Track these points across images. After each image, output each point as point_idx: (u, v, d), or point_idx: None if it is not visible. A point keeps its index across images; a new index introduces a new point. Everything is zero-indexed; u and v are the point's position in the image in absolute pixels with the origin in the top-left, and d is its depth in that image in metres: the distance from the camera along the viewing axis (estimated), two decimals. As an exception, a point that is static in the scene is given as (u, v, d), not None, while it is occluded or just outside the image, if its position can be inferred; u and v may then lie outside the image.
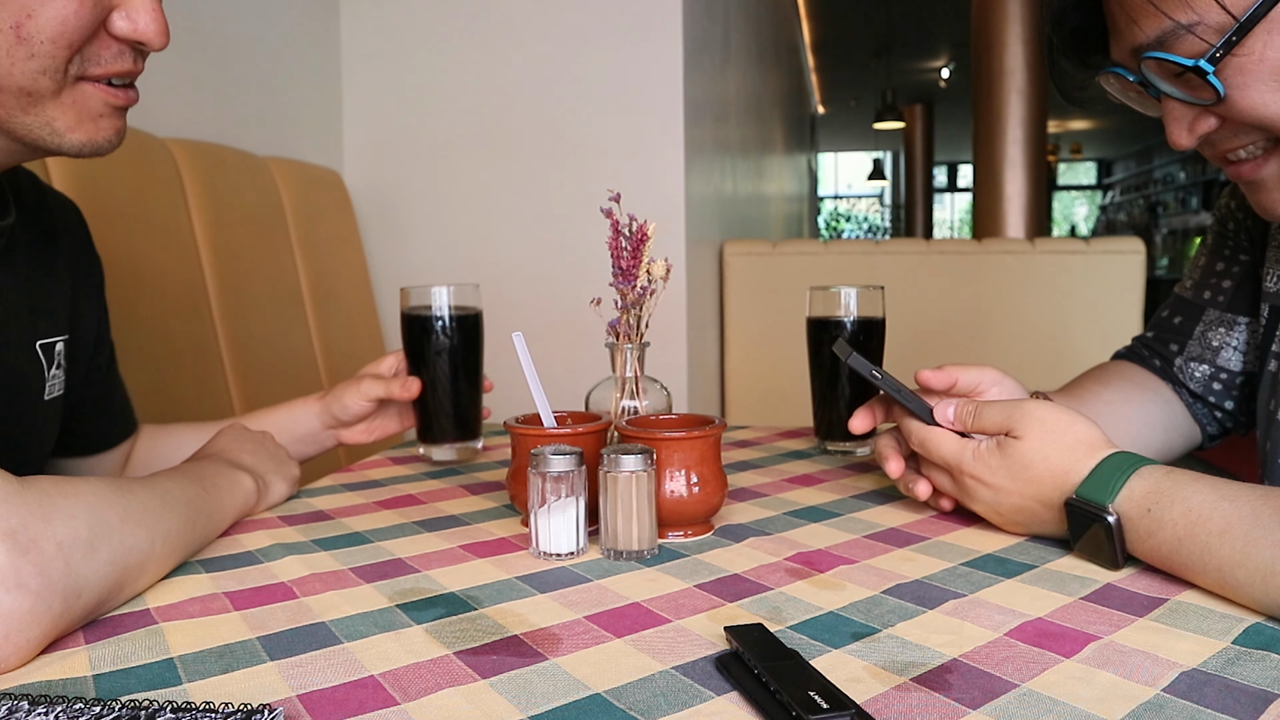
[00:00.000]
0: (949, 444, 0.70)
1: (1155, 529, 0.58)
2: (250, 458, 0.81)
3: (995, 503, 0.68)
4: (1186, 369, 0.94)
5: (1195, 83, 0.64)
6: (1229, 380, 0.92)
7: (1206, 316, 0.93)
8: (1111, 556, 0.60)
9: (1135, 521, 0.59)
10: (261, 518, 0.76)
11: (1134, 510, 0.59)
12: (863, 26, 8.69)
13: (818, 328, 1.00)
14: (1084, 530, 0.62)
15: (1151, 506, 0.58)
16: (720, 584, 0.59)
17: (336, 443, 1.04)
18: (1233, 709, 0.41)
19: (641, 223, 0.81)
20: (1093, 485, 0.62)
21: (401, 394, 0.98)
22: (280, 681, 0.45)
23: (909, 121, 12.68)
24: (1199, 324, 0.94)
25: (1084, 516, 0.62)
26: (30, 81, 0.61)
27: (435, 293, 0.97)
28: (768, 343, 2.37)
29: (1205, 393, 0.93)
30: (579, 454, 0.65)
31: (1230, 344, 0.91)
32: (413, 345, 0.98)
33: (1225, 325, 0.92)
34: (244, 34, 1.66)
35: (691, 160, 2.05)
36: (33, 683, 0.45)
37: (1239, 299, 0.91)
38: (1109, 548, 0.60)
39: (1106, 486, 0.61)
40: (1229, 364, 0.91)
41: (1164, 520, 0.57)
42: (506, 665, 0.47)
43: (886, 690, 0.44)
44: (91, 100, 0.64)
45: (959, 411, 0.71)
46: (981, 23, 4.94)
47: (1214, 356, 0.92)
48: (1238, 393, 0.92)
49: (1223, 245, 0.93)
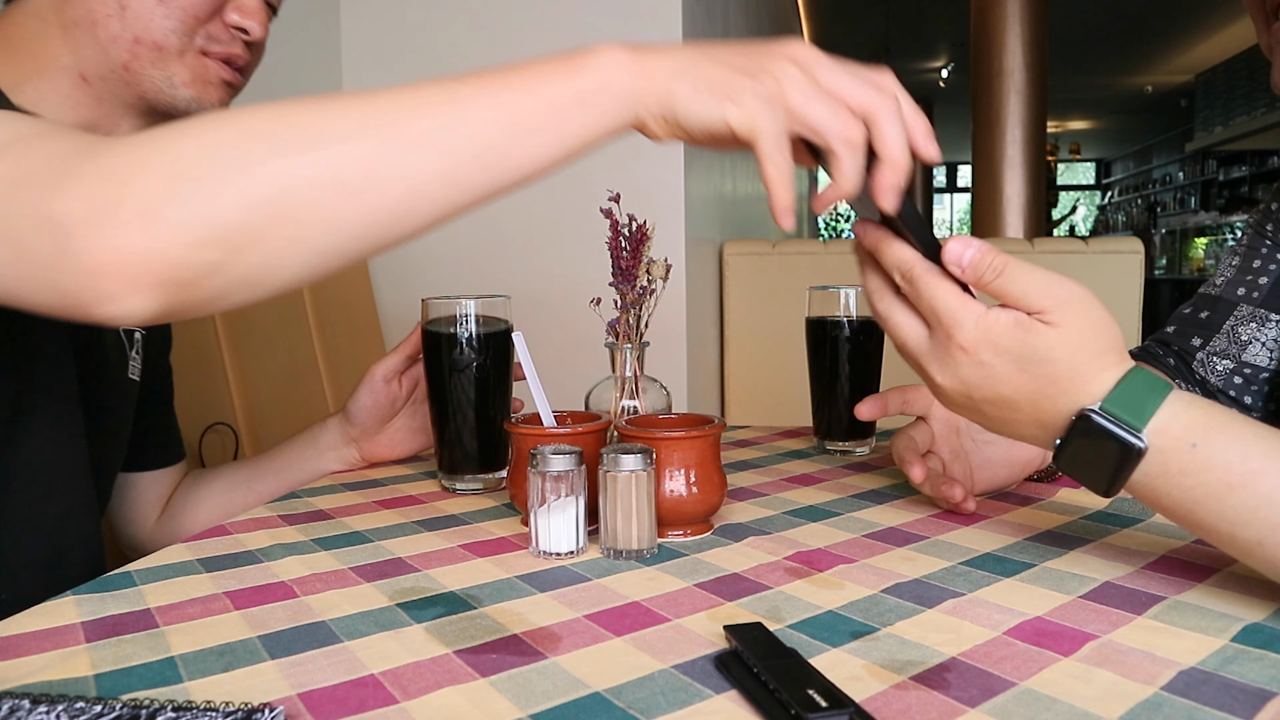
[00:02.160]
0: (947, 294, 0.55)
1: (1199, 468, 0.49)
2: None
3: (974, 385, 0.54)
4: (1209, 363, 0.94)
5: None
6: (1252, 375, 0.92)
7: (1238, 312, 0.93)
8: (1109, 482, 0.51)
9: (1171, 456, 0.49)
10: (261, 517, 0.76)
11: (1172, 442, 0.49)
12: (862, 27, 8.69)
13: (817, 328, 1.00)
14: (1094, 448, 0.51)
15: (1198, 441, 0.49)
16: (720, 583, 0.59)
17: (360, 459, 0.98)
18: (1231, 707, 0.41)
19: (641, 223, 0.81)
20: (1125, 400, 0.50)
21: (407, 347, 0.93)
22: (281, 680, 0.45)
23: (909, 121, 12.65)
24: (1229, 319, 0.93)
25: (1103, 432, 0.51)
26: (163, 37, 0.73)
27: (460, 305, 0.84)
28: (768, 343, 2.37)
29: (1226, 386, 0.93)
30: (579, 453, 0.65)
31: (1260, 339, 0.92)
32: (434, 364, 0.86)
33: (1257, 321, 0.92)
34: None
35: (691, 160, 2.06)
36: (34, 682, 0.45)
37: (1274, 296, 0.91)
38: (1112, 472, 0.51)
39: (1141, 405, 0.50)
40: (1255, 359, 0.91)
41: (1213, 461, 0.49)
42: (506, 664, 0.47)
43: (885, 689, 0.44)
44: (209, 69, 0.76)
45: (979, 258, 0.54)
46: (981, 23, 4.95)
47: (1241, 352, 0.92)
48: (1258, 389, 0.92)
49: (1260, 244, 0.94)
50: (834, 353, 0.99)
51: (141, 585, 0.59)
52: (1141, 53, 9.77)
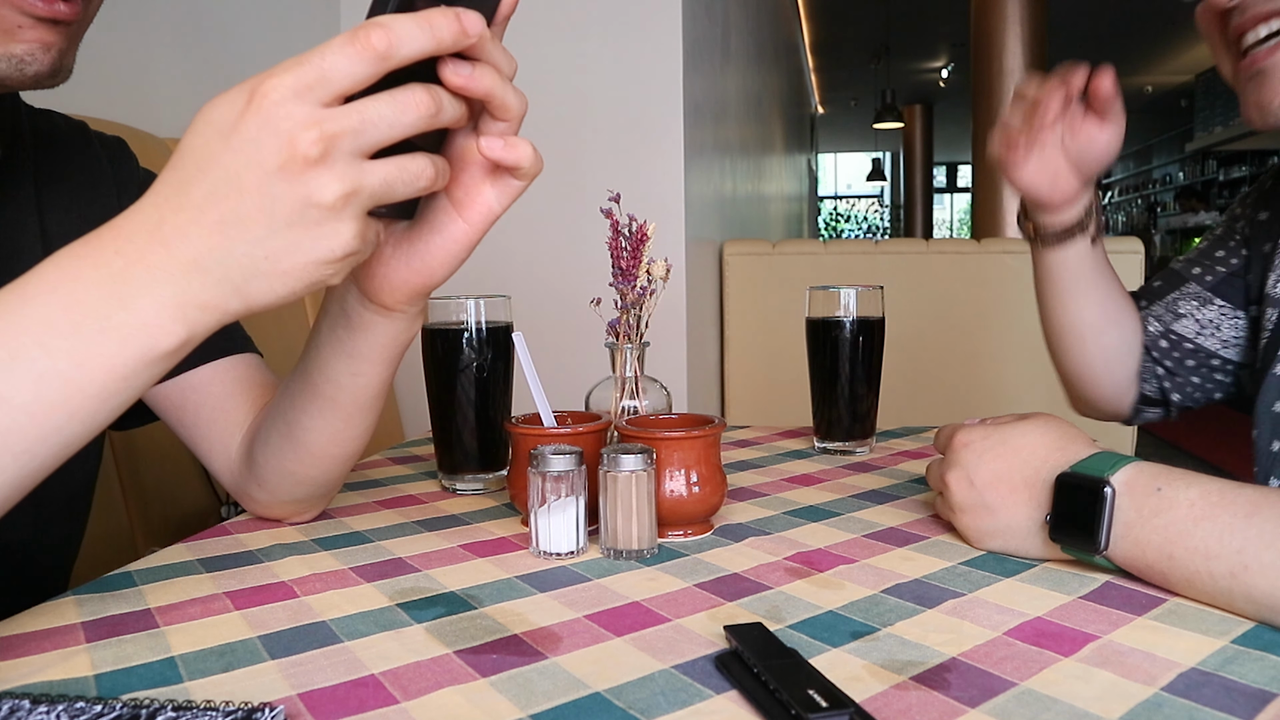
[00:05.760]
0: (953, 429, 0.69)
1: (1166, 508, 0.54)
2: None
3: (976, 463, 0.64)
4: (1144, 316, 1.01)
5: None
6: (1175, 343, 0.98)
7: (1186, 289, 0.99)
8: (1094, 536, 0.56)
9: (1140, 500, 0.55)
10: (262, 517, 0.76)
11: (1139, 488, 0.56)
12: (862, 27, 8.69)
13: (817, 328, 1.00)
14: (1069, 505, 0.58)
15: (1162, 485, 0.55)
16: (720, 583, 0.59)
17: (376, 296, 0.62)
18: (1231, 708, 0.41)
19: (641, 223, 0.81)
20: (1090, 463, 0.58)
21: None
22: (281, 680, 0.45)
23: (908, 122, 12.69)
24: (1175, 291, 1.00)
25: (1074, 488, 0.58)
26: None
27: (461, 305, 0.84)
28: (768, 342, 2.38)
29: (1151, 346, 1.00)
30: (579, 454, 0.65)
31: (1196, 316, 0.98)
32: (436, 365, 0.85)
33: (1199, 300, 0.98)
34: (245, 34, 1.66)
35: (691, 160, 2.06)
36: (34, 682, 0.45)
37: (1224, 286, 0.96)
38: (1095, 524, 0.56)
39: (1104, 465, 0.58)
40: (1184, 330, 0.98)
41: (1178, 499, 0.54)
42: (507, 664, 0.47)
43: (885, 689, 0.44)
44: (4, 15, 0.58)
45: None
46: (981, 23, 4.95)
47: (1173, 321, 0.99)
48: (1174, 363, 0.99)
49: (1230, 237, 0.98)
50: (834, 353, 0.99)
51: (142, 585, 0.59)
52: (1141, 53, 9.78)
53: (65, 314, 0.44)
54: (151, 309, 0.44)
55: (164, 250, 0.44)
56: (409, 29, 0.44)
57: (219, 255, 0.44)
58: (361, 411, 0.66)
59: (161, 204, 0.45)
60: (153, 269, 0.44)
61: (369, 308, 0.59)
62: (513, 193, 0.55)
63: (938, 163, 16.21)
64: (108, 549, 1.02)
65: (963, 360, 2.34)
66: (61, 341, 0.43)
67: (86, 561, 0.84)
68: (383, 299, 0.58)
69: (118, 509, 1.12)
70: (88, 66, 0.71)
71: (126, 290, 0.44)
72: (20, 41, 0.59)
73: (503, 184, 0.54)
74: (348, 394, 0.64)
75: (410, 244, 0.56)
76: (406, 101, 0.45)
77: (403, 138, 0.46)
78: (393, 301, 0.58)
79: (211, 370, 0.75)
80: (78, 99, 0.86)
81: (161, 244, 0.44)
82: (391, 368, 0.64)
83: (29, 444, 0.44)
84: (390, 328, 0.60)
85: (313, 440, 0.67)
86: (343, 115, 0.44)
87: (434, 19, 0.44)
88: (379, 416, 0.69)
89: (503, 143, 0.51)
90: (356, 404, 0.65)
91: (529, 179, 0.54)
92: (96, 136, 0.81)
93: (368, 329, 0.60)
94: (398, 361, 0.64)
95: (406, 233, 0.56)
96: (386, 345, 0.61)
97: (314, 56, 0.43)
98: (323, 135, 0.43)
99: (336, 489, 0.75)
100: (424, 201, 0.55)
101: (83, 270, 0.44)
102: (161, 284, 0.44)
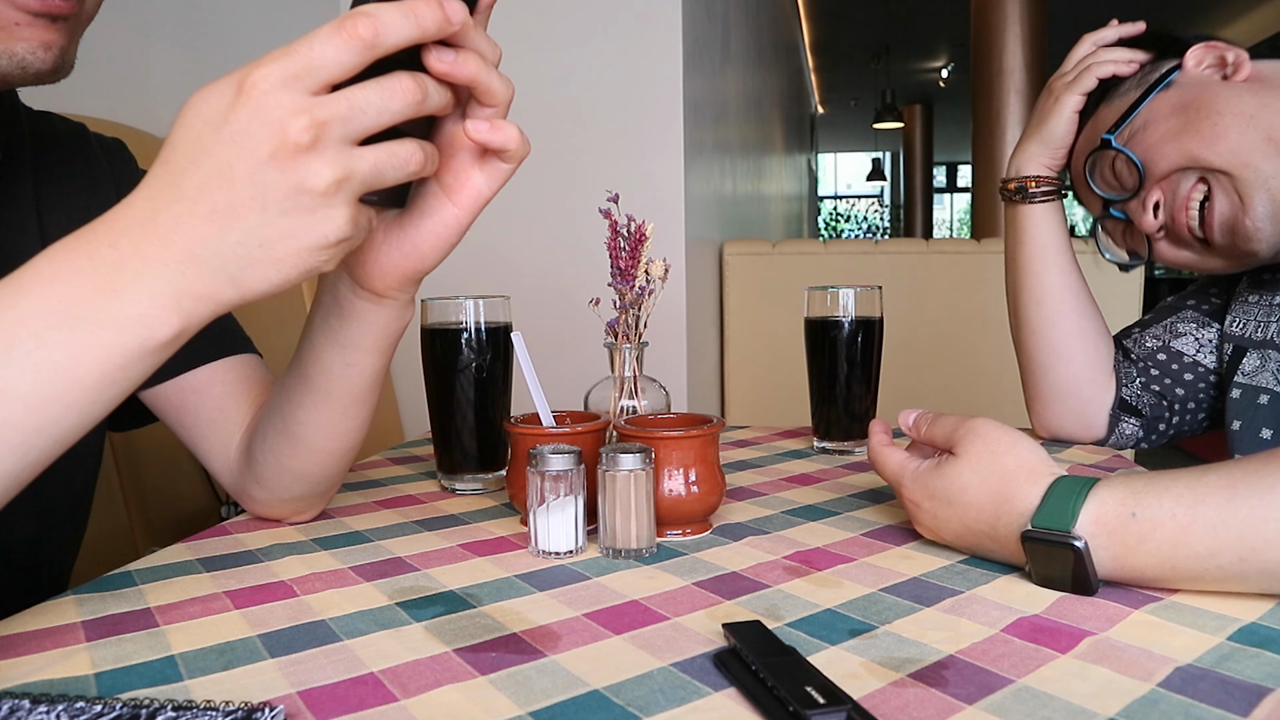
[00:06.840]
0: (890, 463, 0.66)
1: (1150, 532, 0.53)
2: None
3: (936, 528, 0.63)
4: (1140, 338, 1.02)
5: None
6: (1174, 356, 0.99)
7: (1184, 314, 1.01)
8: (1084, 583, 0.54)
9: (1118, 533, 0.53)
10: (262, 517, 0.76)
11: (1112, 522, 0.54)
12: (862, 27, 8.69)
13: (816, 328, 1.01)
14: (1049, 561, 0.55)
15: (1135, 510, 0.53)
16: (718, 582, 0.59)
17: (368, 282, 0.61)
18: (1227, 704, 0.41)
19: (640, 223, 0.81)
20: (1048, 513, 0.55)
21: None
22: (281, 679, 0.45)
23: (908, 121, 12.68)
24: (1173, 316, 1.02)
25: (1046, 546, 0.55)
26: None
27: (460, 306, 0.84)
28: (767, 343, 2.38)
29: (1146, 357, 1.00)
30: (578, 453, 0.65)
31: (1195, 335, 0.99)
32: (435, 366, 0.85)
33: (1198, 323, 0.99)
34: (245, 34, 1.66)
35: (691, 160, 2.06)
36: (34, 682, 0.45)
37: (1221, 313, 0.98)
38: (1080, 574, 0.54)
39: (1064, 511, 0.55)
40: (1184, 347, 0.99)
41: (1158, 518, 0.52)
42: (506, 662, 0.47)
43: (883, 686, 0.44)
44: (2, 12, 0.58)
45: (919, 416, 0.67)
46: (981, 23, 4.95)
47: (1172, 339, 1.00)
48: (1171, 379, 0.99)
49: (1216, 280, 1.01)
50: (833, 353, 0.99)
51: (142, 585, 0.60)
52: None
53: (61, 306, 0.44)
54: (147, 300, 0.45)
55: (158, 242, 0.44)
56: (394, 17, 0.45)
57: (213, 245, 0.45)
58: (356, 403, 0.66)
59: (154, 196, 0.45)
60: (147, 260, 0.44)
61: (361, 295, 0.59)
62: (501, 176, 0.55)
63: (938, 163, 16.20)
64: (108, 549, 1.02)
65: (962, 360, 2.34)
66: (57, 333, 0.44)
67: (86, 561, 0.84)
68: (374, 285, 0.58)
69: (118, 509, 1.12)
70: (88, 66, 0.71)
71: (121, 281, 0.44)
72: (20, 40, 0.59)
73: (491, 168, 0.55)
74: (341, 385, 0.64)
75: (401, 229, 0.56)
76: (394, 88, 0.46)
77: (391, 124, 0.46)
78: (384, 288, 0.58)
79: (211, 371, 0.76)
80: (78, 99, 0.86)
81: (155, 235, 0.44)
82: (385, 357, 0.64)
83: (26, 436, 0.45)
84: (382, 315, 0.61)
85: (309, 434, 0.67)
86: (332, 103, 0.44)
87: (418, 7, 0.45)
88: (375, 412, 0.69)
89: (489, 125, 0.52)
90: (350, 395, 0.65)
91: (517, 161, 0.55)
92: (96, 138, 0.81)
93: (360, 317, 0.61)
94: (391, 351, 0.64)
95: (398, 219, 0.56)
96: (379, 333, 0.62)
97: (301, 46, 0.44)
98: (313, 122, 0.43)
99: (335, 487, 0.75)
100: (414, 187, 0.56)
101: (77, 263, 0.45)
102: (156, 275, 0.45)
